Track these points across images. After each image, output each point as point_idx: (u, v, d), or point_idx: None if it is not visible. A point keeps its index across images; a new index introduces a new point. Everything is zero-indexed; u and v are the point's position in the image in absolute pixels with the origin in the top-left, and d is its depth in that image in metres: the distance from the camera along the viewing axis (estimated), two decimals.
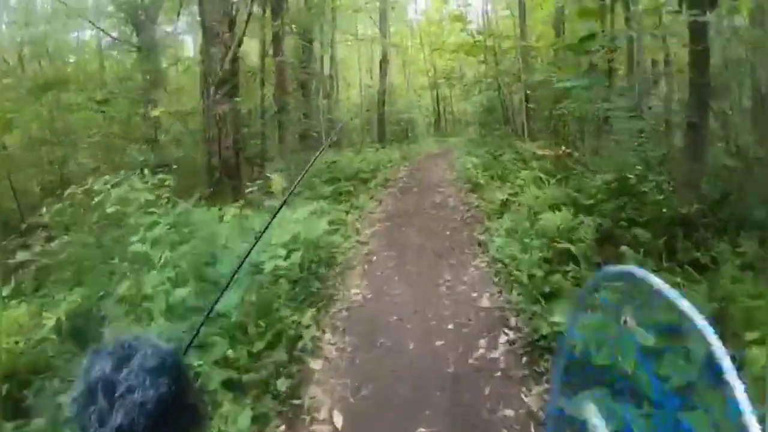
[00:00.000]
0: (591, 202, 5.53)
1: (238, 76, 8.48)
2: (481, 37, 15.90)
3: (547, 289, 4.20)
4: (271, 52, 13.32)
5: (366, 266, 5.73)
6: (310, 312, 4.11)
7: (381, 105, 20.70)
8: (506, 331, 4.06)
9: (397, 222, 8.05)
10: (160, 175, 5.28)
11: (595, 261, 4.39)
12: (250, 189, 5.84)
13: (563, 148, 7.00)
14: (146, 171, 4.95)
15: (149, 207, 4.23)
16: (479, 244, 6.27)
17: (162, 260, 3.42)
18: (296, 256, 4.19)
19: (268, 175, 6.52)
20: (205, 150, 8.77)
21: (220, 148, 8.33)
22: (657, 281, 0.90)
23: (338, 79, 26.51)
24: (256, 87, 12.69)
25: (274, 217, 1.98)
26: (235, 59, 8.54)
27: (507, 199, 7.03)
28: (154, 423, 0.82)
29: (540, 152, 8.04)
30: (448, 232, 7.12)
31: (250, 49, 17.00)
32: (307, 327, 3.93)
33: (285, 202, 1.97)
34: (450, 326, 4.17)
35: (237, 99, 8.60)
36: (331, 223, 6.98)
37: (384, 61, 21.41)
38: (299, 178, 2.04)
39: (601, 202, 5.60)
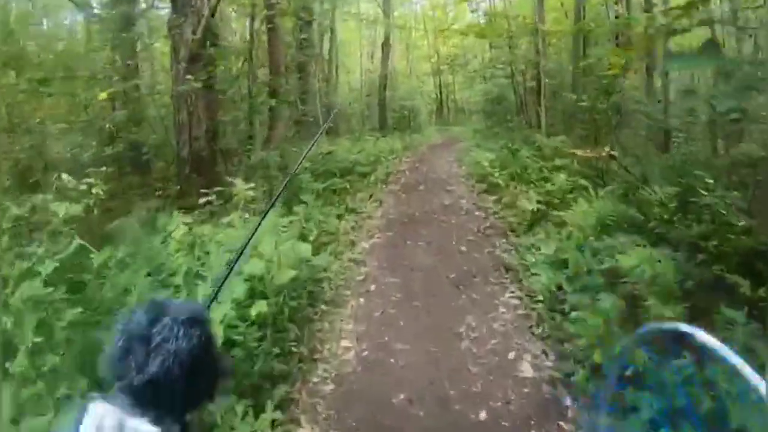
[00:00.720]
0: (656, 226, 4.22)
1: (213, 53, 7.08)
2: (493, 19, 14.47)
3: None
4: (264, 28, 11.85)
5: (361, 301, 4.41)
6: (278, 392, 2.79)
7: (382, 90, 19.25)
8: (562, 424, 2.77)
9: (400, 231, 6.75)
10: (91, 179, 3.94)
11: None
12: (206, 199, 4.45)
13: (607, 149, 5.64)
14: (64, 175, 3.58)
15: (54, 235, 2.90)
16: (506, 269, 4.97)
17: (24, 349, 2.06)
18: (259, 307, 2.85)
19: (230, 179, 5.12)
20: (176, 140, 7.43)
21: (190, 138, 6.98)
22: (709, 339, 0.86)
23: (338, 61, 25.04)
24: (243, 68, 11.29)
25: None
26: (210, 33, 7.14)
27: (538, 210, 5.71)
28: (187, 370, 0.89)
29: (572, 151, 6.69)
30: (463, 248, 5.82)
31: (241, 26, 15.54)
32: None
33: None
34: (482, 414, 2.86)
35: (213, 79, 7.23)
36: (319, 235, 5.67)
37: (386, 44, 19.91)
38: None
39: (667, 224, 4.30)
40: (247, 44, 11.74)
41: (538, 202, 5.95)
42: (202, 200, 4.66)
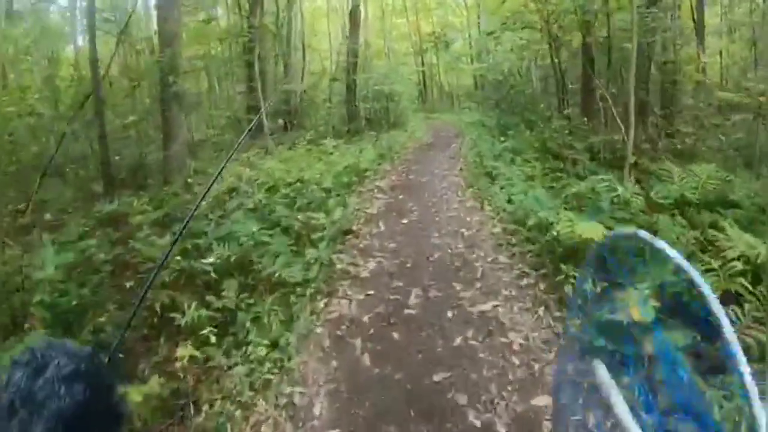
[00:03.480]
0: None
1: None
2: None
3: None
4: None
5: None
6: None
7: (352, 70, 14.83)
8: None
9: None
10: None
11: None
12: None
13: None
14: None
15: None
16: None
17: None
18: None
19: None
20: None
21: None
22: (662, 244, 0.90)
23: (303, 40, 20.44)
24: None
25: None
26: None
27: None
28: (74, 429, 0.84)
29: None
30: None
31: None
32: None
33: None
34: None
35: None
36: None
37: (355, 12, 15.45)
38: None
39: None
40: None
41: None
42: None
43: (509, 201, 6.13)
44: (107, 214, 6.28)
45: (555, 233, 4.17)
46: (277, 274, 3.77)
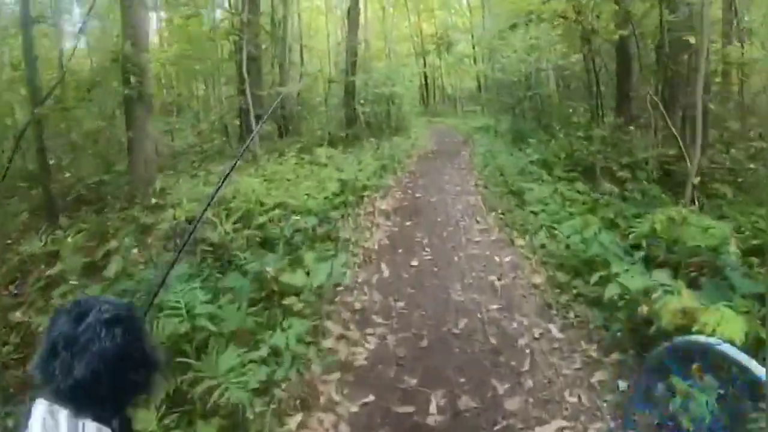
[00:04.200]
0: None
1: None
2: None
3: None
4: None
5: None
6: None
7: (350, 70, 13.41)
8: None
9: None
10: None
11: None
12: None
13: None
14: None
15: None
16: None
17: None
18: None
19: None
20: None
21: None
22: (739, 355, 0.82)
23: (300, 40, 19.05)
24: None
25: None
26: None
27: None
28: (114, 370, 0.89)
29: None
30: None
31: None
32: None
33: None
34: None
35: None
36: None
37: (353, 8, 14.06)
38: None
39: None
40: None
41: None
42: None
43: (551, 234, 4.69)
44: (30, 256, 4.84)
45: (646, 311, 2.72)
46: (220, 392, 2.32)
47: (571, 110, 9.62)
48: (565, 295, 3.85)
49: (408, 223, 6.07)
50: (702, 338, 1.08)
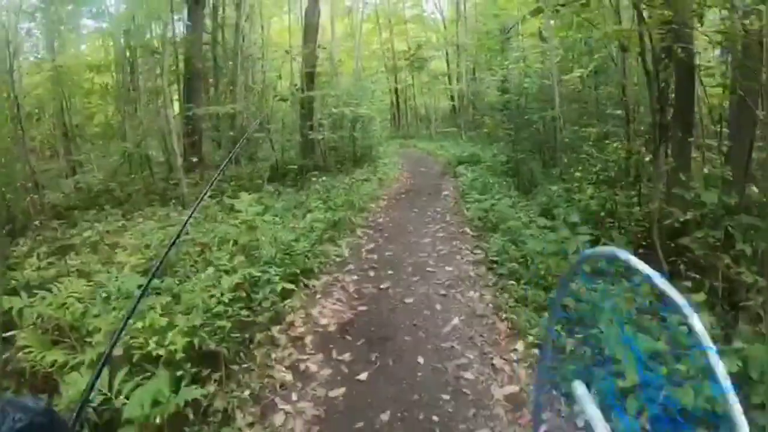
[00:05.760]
0: None
1: None
2: None
3: None
4: None
5: None
6: None
7: (305, 84, 10.80)
8: None
9: None
10: None
11: None
12: None
13: None
14: None
15: None
16: None
17: None
18: None
19: None
20: None
21: None
22: (639, 263, 0.90)
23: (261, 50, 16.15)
24: None
25: None
26: None
27: None
28: None
29: None
30: None
31: None
32: None
33: None
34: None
35: None
36: None
37: (311, 11, 11.51)
38: None
39: None
40: None
41: None
42: None
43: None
44: None
45: None
46: None
47: (591, 140, 7.24)
48: None
49: (362, 376, 3.27)
50: (608, 248, 0.97)
